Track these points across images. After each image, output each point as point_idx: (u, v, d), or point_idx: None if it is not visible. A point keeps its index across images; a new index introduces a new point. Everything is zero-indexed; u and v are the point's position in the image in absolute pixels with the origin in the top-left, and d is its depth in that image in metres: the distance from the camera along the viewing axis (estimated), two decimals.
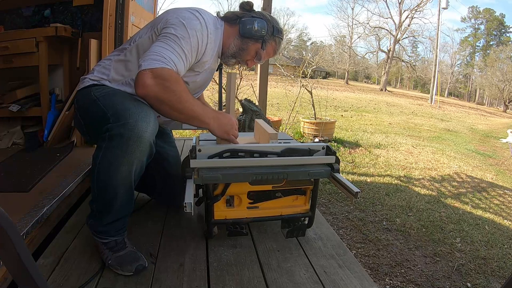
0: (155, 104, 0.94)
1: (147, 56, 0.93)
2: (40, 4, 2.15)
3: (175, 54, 0.96)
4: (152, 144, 0.97)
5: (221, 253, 1.15)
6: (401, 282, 1.79)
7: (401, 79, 44.12)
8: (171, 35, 0.98)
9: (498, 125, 12.60)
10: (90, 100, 1.03)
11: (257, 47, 1.16)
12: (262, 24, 1.13)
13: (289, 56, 22.94)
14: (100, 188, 0.98)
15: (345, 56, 33.96)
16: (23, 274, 0.50)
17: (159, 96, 0.91)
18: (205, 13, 1.09)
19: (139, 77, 0.90)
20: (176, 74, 0.95)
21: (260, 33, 1.13)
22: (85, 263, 1.04)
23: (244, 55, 1.18)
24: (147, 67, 0.90)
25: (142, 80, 0.90)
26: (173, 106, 0.94)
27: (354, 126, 7.18)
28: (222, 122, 1.07)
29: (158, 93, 0.91)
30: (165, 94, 0.92)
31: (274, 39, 1.18)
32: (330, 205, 2.74)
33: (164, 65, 0.92)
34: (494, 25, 35.37)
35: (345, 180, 1.08)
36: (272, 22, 1.16)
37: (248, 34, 1.13)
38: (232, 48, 1.16)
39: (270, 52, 1.21)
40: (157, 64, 0.91)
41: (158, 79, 0.90)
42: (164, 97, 0.92)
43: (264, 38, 1.15)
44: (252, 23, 1.12)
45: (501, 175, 4.55)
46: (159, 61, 0.92)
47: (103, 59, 1.17)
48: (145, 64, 0.90)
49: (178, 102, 0.94)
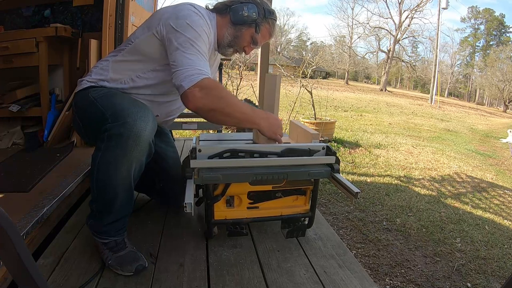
0: (208, 114, 0.98)
1: (182, 74, 0.95)
2: (40, 4, 2.15)
3: (200, 59, 0.98)
4: (151, 143, 0.98)
5: (221, 253, 1.15)
6: (401, 282, 1.79)
7: (401, 79, 44.11)
8: (186, 42, 0.98)
9: (498, 125, 12.60)
10: (88, 102, 1.03)
11: (251, 32, 1.16)
12: (253, 8, 1.13)
13: (289, 56, 22.99)
14: (99, 188, 0.98)
15: (345, 56, 33.94)
16: (23, 274, 0.50)
17: (210, 105, 0.96)
18: (199, 7, 1.10)
19: (188, 96, 0.94)
20: (216, 81, 0.99)
21: (251, 17, 1.13)
22: (85, 263, 1.04)
23: (240, 42, 1.17)
24: (191, 84, 0.93)
25: (191, 97, 0.94)
26: (224, 111, 0.98)
27: (354, 126, 7.17)
28: (271, 122, 1.09)
29: (209, 103, 0.95)
30: (215, 102, 0.96)
31: (267, 21, 1.17)
32: (330, 205, 2.74)
33: (202, 76, 0.95)
34: (494, 25, 35.37)
35: (345, 180, 1.08)
36: (262, 4, 1.16)
37: (240, 20, 1.13)
38: (227, 38, 1.16)
39: (265, 35, 1.20)
40: (197, 78, 0.94)
41: (204, 91, 0.94)
42: (215, 105, 0.96)
43: (257, 21, 1.14)
44: (242, 9, 1.12)
45: (501, 175, 4.55)
46: (196, 74, 0.94)
47: (101, 60, 1.18)
48: (187, 83, 0.94)
49: (228, 107, 0.98)
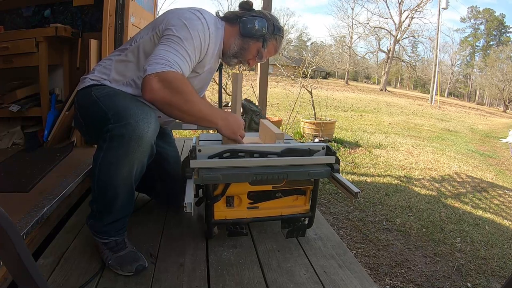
0: (163, 107, 0.94)
1: (152, 61, 0.92)
2: (40, 4, 2.15)
3: (179, 57, 0.96)
4: (153, 145, 0.98)
5: (221, 253, 1.15)
6: (401, 282, 1.79)
7: (401, 79, 44.12)
8: (174, 37, 0.98)
9: (498, 125, 12.60)
10: (91, 100, 1.03)
11: (258, 46, 1.16)
12: (263, 23, 1.13)
13: (289, 56, 22.96)
14: (100, 188, 0.98)
15: (345, 56, 33.95)
16: (23, 274, 0.50)
17: (167, 99, 0.92)
18: (206, 13, 1.09)
19: (145, 82, 0.90)
20: (182, 76, 0.95)
21: (261, 32, 1.13)
22: (85, 263, 1.04)
23: (245, 55, 1.18)
24: (153, 71, 0.90)
25: (148, 85, 0.90)
26: (181, 108, 0.95)
27: (354, 126, 7.17)
28: (230, 122, 1.08)
29: (166, 96, 0.91)
30: (172, 97, 0.92)
31: (275, 37, 1.18)
32: (330, 205, 2.74)
33: (170, 68, 0.92)
34: (494, 25, 35.38)
35: (345, 180, 1.08)
36: (272, 20, 1.16)
37: (249, 33, 1.13)
38: (234, 48, 1.16)
39: (271, 50, 1.21)
40: (163, 68, 0.91)
41: (164, 83, 0.90)
42: (172, 100, 0.92)
43: (265, 37, 1.15)
44: (252, 22, 1.12)
45: (501, 175, 4.55)
46: (164, 64, 0.92)
47: (104, 59, 1.17)
48: (150, 69, 0.90)
49: (185, 104, 0.95)
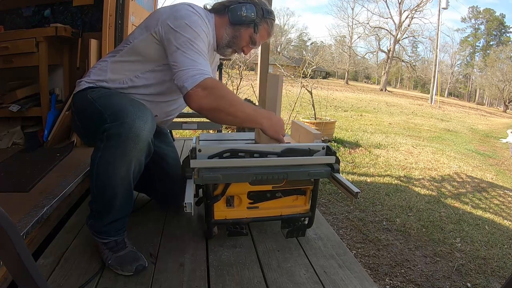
0: (212, 113, 0.99)
1: (184, 75, 0.95)
2: (40, 4, 2.15)
3: (200, 60, 0.98)
4: (150, 143, 0.98)
5: (221, 253, 1.15)
6: (401, 282, 1.79)
7: (401, 79, 44.09)
8: (185, 42, 0.98)
9: (498, 125, 12.60)
10: (87, 102, 1.03)
11: (250, 32, 1.16)
12: (251, 8, 1.12)
13: (289, 56, 22.98)
14: (99, 188, 0.98)
15: (345, 56, 33.93)
16: (23, 274, 0.50)
17: (213, 105, 0.96)
18: (197, 7, 1.09)
19: (191, 96, 0.95)
20: (217, 81, 0.99)
21: (250, 17, 1.13)
22: (85, 263, 1.04)
23: (238, 43, 1.17)
24: (193, 84, 0.94)
25: (195, 97, 0.94)
26: (228, 111, 0.98)
27: (354, 126, 7.17)
28: (274, 122, 1.10)
29: (212, 103, 0.96)
30: (218, 102, 0.97)
31: (265, 21, 1.17)
32: (330, 205, 2.74)
33: (204, 75, 0.95)
34: (494, 25, 35.36)
35: (345, 180, 1.08)
36: (261, 4, 1.16)
37: (238, 20, 1.13)
38: (226, 38, 1.16)
39: (264, 35, 1.20)
40: (199, 78, 0.94)
41: (206, 91, 0.95)
42: (219, 105, 0.97)
43: (255, 21, 1.14)
44: (240, 9, 1.12)
45: (501, 175, 4.55)
46: (198, 74, 0.95)
47: (99, 61, 1.18)
48: (189, 83, 0.94)
49: (231, 107, 0.99)
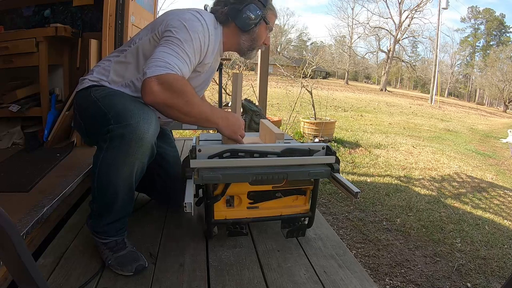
0: (163, 109, 0.94)
1: (151, 63, 0.92)
2: (40, 4, 2.15)
3: (178, 59, 0.96)
4: (153, 146, 0.98)
5: (221, 253, 1.15)
6: (401, 282, 1.79)
7: (401, 79, 44.08)
8: (173, 39, 0.98)
9: (498, 125, 12.59)
10: (90, 101, 1.02)
11: (263, 27, 1.18)
12: (252, 7, 1.12)
13: (289, 56, 22.98)
14: (100, 188, 0.98)
15: (345, 56, 33.95)
16: (23, 274, 0.50)
17: (167, 101, 0.92)
18: (205, 14, 1.09)
19: (146, 85, 0.90)
20: (182, 78, 0.95)
21: (257, 15, 1.13)
22: (85, 263, 1.04)
23: (259, 41, 1.20)
24: (152, 74, 0.90)
25: (148, 88, 0.90)
26: (182, 109, 0.95)
27: (354, 126, 7.17)
28: (231, 121, 1.08)
29: (166, 99, 0.91)
30: (172, 99, 0.92)
31: (269, 7, 1.18)
32: (330, 205, 2.74)
33: (169, 70, 0.92)
34: (494, 25, 35.37)
35: (345, 180, 1.08)
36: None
37: (249, 26, 1.14)
38: (245, 44, 1.18)
39: (272, 18, 1.22)
40: (162, 71, 0.91)
41: (164, 85, 0.90)
42: (172, 102, 0.92)
43: (263, 15, 1.15)
44: (246, 14, 1.12)
45: (501, 175, 4.55)
46: (164, 67, 0.91)
47: (103, 60, 1.17)
48: (150, 72, 0.90)
49: (186, 105, 0.95)
